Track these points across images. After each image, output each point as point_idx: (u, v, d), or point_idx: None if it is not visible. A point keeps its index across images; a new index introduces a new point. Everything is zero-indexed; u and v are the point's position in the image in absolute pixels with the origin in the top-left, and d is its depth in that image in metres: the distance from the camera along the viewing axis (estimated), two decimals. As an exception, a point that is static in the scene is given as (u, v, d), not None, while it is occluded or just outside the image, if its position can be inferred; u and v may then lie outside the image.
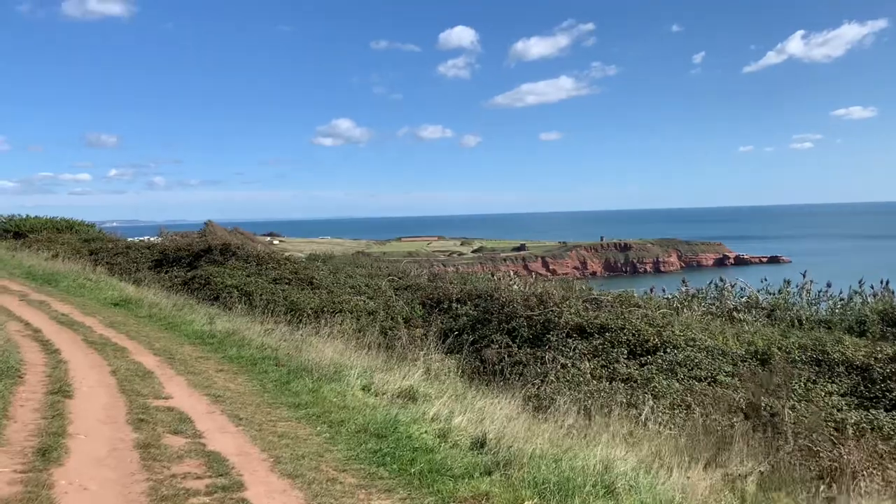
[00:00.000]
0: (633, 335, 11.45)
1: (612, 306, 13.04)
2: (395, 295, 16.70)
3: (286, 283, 18.93)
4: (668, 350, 10.91)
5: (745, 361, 10.46)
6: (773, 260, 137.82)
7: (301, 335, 12.82)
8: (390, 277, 18.49)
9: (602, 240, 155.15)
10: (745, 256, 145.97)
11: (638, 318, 12.09)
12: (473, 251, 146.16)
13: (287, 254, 29.65)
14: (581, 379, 9.99)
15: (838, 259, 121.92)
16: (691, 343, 10.92)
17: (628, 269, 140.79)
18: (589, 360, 10.59)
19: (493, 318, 13.24)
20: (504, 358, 11.42)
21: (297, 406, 8.42)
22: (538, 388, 9.90)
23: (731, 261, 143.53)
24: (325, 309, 15.19)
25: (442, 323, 13.77)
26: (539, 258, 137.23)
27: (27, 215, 36.84)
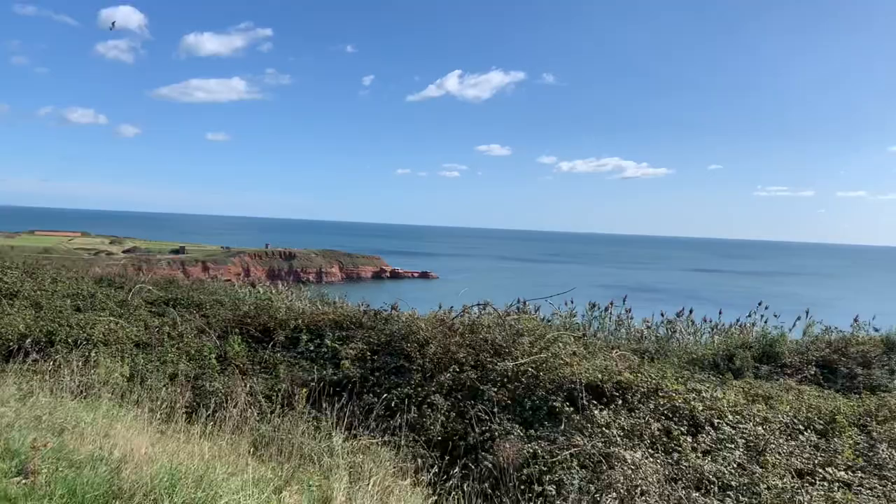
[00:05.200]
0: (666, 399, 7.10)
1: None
2: (152, 314, 10.71)
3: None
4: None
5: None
6: (424, 275, 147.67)
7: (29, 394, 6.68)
8: (139, 286, 12.03)
9: (267, 247, 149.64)
10: (400, 271, 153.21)
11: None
12: (125, 251, 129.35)
13: None
14: (647, 487, 5.88)
15: (479, 276, 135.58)
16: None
17: (292, 277, 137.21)
18: (639, 448, 6.44)
19: (412, 366, 8.14)
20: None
21: None
22: None
23: (388, 274, 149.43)
24: (59, 338, 8.74)
25: (301, 369, 8.34)
26: (199, 262, 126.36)
27: None
